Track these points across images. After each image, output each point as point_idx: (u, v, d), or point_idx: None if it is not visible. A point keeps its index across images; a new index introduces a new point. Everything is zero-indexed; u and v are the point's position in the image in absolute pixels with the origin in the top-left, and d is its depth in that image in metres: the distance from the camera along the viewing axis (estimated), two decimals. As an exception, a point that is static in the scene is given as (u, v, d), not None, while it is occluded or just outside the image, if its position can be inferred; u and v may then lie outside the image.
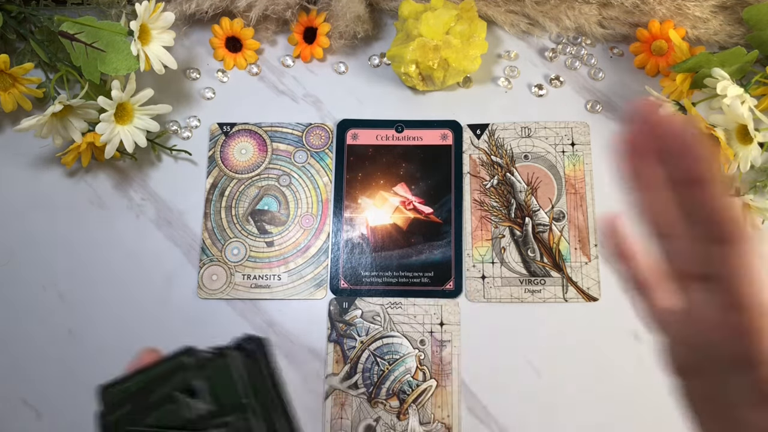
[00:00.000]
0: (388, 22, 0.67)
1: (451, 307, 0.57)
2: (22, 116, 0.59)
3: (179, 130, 0.63)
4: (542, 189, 0.60)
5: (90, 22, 0.56)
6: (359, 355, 0.56)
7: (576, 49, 0.64)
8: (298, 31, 0.64)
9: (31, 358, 0.57)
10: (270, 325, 0.57)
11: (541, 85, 0.63)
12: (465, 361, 0.55)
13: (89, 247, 0.59)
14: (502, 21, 0.64)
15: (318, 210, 0.60)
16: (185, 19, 0.64)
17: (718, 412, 0.28)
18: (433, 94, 0.64)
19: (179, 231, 0.60)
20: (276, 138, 0.62)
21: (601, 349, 0.55)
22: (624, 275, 0.31)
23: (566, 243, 0.58)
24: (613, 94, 0.63)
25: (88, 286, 0.58)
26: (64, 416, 0.55)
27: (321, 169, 0.62)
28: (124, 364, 0.58)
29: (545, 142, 0.61)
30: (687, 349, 0.28)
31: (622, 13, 0.62)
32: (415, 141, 0.62)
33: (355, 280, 0.58)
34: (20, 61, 0.62)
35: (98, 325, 0.57)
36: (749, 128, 0.50)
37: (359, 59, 0.65)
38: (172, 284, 0.58)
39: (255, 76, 0.65)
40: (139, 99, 0.57)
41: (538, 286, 0.57)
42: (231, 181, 0.61)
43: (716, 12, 0.61)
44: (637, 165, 0.26)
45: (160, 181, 0.62)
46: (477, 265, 0.58)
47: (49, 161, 0.62)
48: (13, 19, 0.62)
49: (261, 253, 0.59)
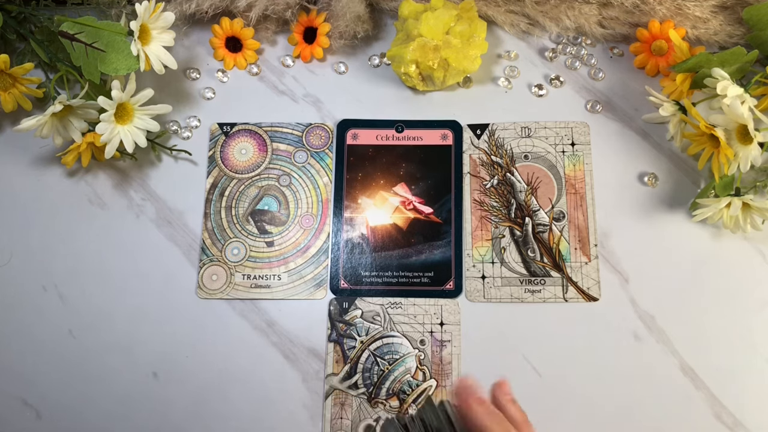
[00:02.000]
0: (388, 22, 0.67)
1: (451, 307, 0.57)
2: (22, 116, 0.59)
3: (179, 130, 0.63)
4: (542, 189, 0.60)
5: (90, 22, 0.56)
6: (359, 355, 0.56)
7: (576, 49, 0.64)
8: (298, 31, 0.64)
9: (31, 358, 0.57)
10: (270, 325, 0.57)
11: (541, 85, 0.63)
12: (465, 361, 0.55)
13: (89, 247, 0.59)
14: (502, 21, 0.64)
15: (318, 210, 0.60)
16: (185, 19, 0.64)
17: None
18: (433, 94, 0.64)
19: (179, 231, 0.60)
20: (276, 138, 0.62)
21: (601, 349, 0.55)
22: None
23: (566, 243, 0.58)
24: (613, 94, 0.63)
25: (88, 286, 0.58)
26: (64, 416, 0.55)
27: (321, 169, 0.62)
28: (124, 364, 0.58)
29: (545, 142, 0.61)
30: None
31: (622, 13, 0.62)
32: (415, 141, 0.62)
33: (355, 280, 0.58)
34: (20, 61, 0.62)
35: (98, 325, 0.57)
36: (749, 128, 0.50)
37: (359, 59, 0.65)
38: (172, 284, 0.58)
39: (255, 76, 0.65)
40: (139, 99, 0.57)
41: (538, 286, 0.57)
42: (231, 181, 0.61)
43: (716, 12, 0.61)
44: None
45: (160, 181, 0.62)
46: (477, 265, 0.58)
47: (49, 161, 0.62)
48: (13, 19, 0.62)
49: (261, 253, 0.59)
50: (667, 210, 0.59)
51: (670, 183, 0.60)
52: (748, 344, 0.55)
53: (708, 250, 0.57)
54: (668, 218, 0.58)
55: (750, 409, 0.53)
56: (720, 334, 0.55)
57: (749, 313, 0.55)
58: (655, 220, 0.58)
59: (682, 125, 0.57)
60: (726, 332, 0.55)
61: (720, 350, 0.55)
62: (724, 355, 0.54)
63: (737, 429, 0.53)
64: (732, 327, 0.55)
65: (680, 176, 0.60)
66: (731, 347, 0.55)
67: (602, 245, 0.58)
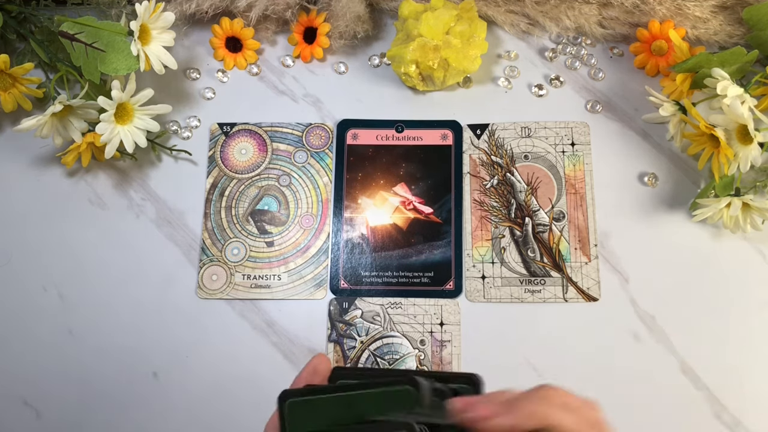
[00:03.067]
0: (388, 22, 0.67)
1: (451, 307, 0.57)
2: (22, 116, 0.59)
3: (179, 130, 0.63)
4: (542, 189, 0.60)
5: (90, 22, 0.56)
6: (359, 355, 0.56)
7: (576, 49, 0.64)
8: (298, 31, 0.64)
9: (31, 358, 0.57)
10: (270, 325, 0.57)
11: (541, 85, 0.63)
12: (465, 361, 0.55)
13: (89, 247, 0.59)
14: (502, 21, 0.64)
15: (318, 210, 0.60)
16: (185, 19, 0.64)
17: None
18: (433, 94, 0.64)
19: (179, 231, 0.60)
20: (276, 138, 0.62)
21: (601, 349, 0.55)
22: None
23: (566, 243, 0.58)
24: (613, 94, 0.63)
25: (88, 286, 0.58)
26: (64, 416, 0.55)
27: (321, 169, 0.62)
28: (124, 364, 0.58)
29: (545, 142, 0.61)
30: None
31: (622, 13, 0.62)
32: (415, 141, 0.62)
33: (355, 280, 0.58)
34: (20, 61, 0.62)
35: (98, 325, 0.57)
36: (749, 128, 0.50)
37: (359, 59, 0.65)
38: (172, 284, 0.58)
39: (255, 76, 0.65)
40: (139, 99, 0.57)
41: (538, 286, 0.57)
42: (231, 181, 0.61)
43: (716, 12, 0.61)
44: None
45: (160, 181, 0.62)
46: (477, 265, 0.58)
47: (49, 161, 0.62)
48: (13, 19, 0.62)
49: (261, 253, 0.59)
50: (667, 210, 0.59)
51: (670, 183, 0.60)
52: (748, 344, 0.55)
53: (708, 250, 0.57)
54: (668, 218, 0.58)
55: (750, 409, 0.53)
56: (720, 334, 0.55)
57: (749, 313, 0.55)
58: (655, 220, 0.58)
59: (682, 125, 0.57)
60: (726, 332, 0.55)
61: (720, 350, 0.55)
62: (724, 355, 0.54)
63: (737, 429, 0.53)
64: (732, 327, 0.55)
65: (680, 176, 0.60)
66: (731, 347, 0.55)
67: (602, 245, 0.58)
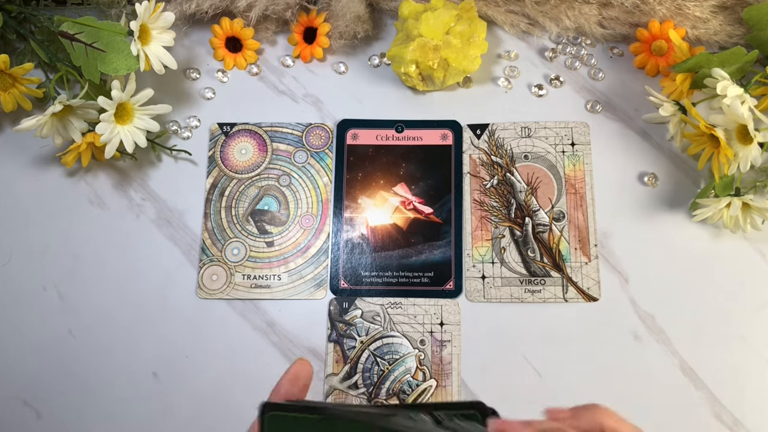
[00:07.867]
0: (388, 22, 0.67)
1: (451, 307, 0.57)
2: (22, 116, 0.59)
3: (179, 130, 0.63)
4: (542, 189, 0.60)
5: (90, 22, 0.56)
6: (359, 355, 0.56)
7: (576, 49, 0.64)
8: (298, 31, 0.64)
9: (31, 358, 0.57)
10: (270, 325, 0.57)
11: (541, 85, 0.63)
12: (465, 361, 0.55)
13: (89, 247, 0.59)
14: (502, 21, 0.64)
15: (318, 210, 0.60)
16: (185, 19, 0.64)
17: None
18: (433, 94, 0.64)
19: (179, 231, 0.60)
20: (276, 138, 0.62)
21: (601, 349, 0.55)
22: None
23: (566, 243, 0.58)
24: (613, 94, 0.63)
25: (88, 286, 0.58)
26: (64, 416, 0.55)
27: (321, 169, 0.62)
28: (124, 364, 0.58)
29: (545, 142, 0.61)
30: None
31: (622, 13, 0.62)
32: (415, 141, 0.62)
33: (355, 280, 0.58)
34: (20, 61, 0.62)
35: (98, 325, 0.57)
36: (749, 128, 0.50)
37: (359, 59, 0.65)
38: (172, 284, 0.58)
39: (255, 76, 0.65)
40: (139, 99, 0.57)
41: (538, 286, 0.57)
42: (231, 181, 0.61)
43: (716, 12, 0.61)
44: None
45: (160, 181, 0.62)
46: (477, 265, 0.58)
47: (49, 161, 0.62)
48: (13, 19, 0.62)
49: (261, 253, 0.59)
50: (667, 210, 0.59)
51: (670, 183, 0.60)
52: (748, 344, 0.55)
53: (708, 250, 0.57)
54: (668, 218, 0.58)
55: (750, 409, 0.53)
56: (720, 334, 0.55)
57: (749, 313, 0.55)
58: (655, 220, 0.58)
59: (682, 125, 0.57)
60: (726, 332, 0.55)
61: (720, 350, 0.55)
62: (724, 355, 0.54)
63: (737, 429, 0.53)
64: (732, 327, 0.55)
65: (680, 176, 0.60)
66: (731, 347, 0.55)
67: (602, 245, 0.58)
